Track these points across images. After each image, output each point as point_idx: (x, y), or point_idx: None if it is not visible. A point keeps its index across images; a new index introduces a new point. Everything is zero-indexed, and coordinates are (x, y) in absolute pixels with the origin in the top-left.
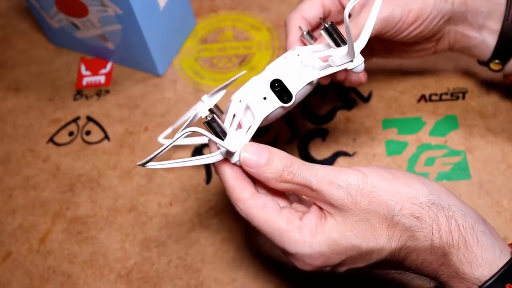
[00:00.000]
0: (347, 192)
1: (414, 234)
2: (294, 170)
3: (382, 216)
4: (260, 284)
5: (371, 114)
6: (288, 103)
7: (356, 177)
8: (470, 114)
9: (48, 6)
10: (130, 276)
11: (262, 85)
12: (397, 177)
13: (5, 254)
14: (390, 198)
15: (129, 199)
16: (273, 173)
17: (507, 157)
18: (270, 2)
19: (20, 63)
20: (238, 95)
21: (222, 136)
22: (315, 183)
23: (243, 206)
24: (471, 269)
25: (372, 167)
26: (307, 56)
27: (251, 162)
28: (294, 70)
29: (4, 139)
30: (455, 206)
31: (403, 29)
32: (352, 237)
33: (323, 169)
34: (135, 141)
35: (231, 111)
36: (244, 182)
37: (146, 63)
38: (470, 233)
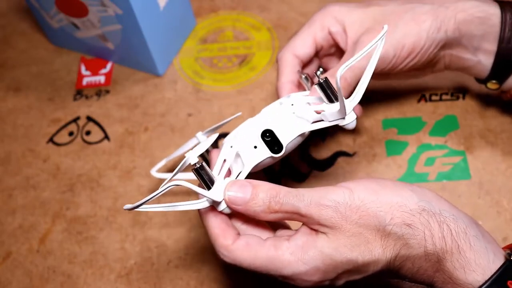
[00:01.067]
0: (335, 210)
1: (407, 242)
2: (280, 199)
3: (374, 228)
4: (260, 284)
5: (371, 114)
6: (278, 153)
7: (343, 194)
8: (470, 114)
9: (48, 6)
10: (130, 276)
11: (254, 134)
12: (384, 187)
13: (5, 254)
14: (379, 209)
15: (129, 199)
16: (260, 206)
17: (507, 157)
18: (270, 2)
19: (20, 63)
20: (230, 140)
21: (210, 184)
22: (303, 208)
23: (227, 252)
24: (464, 274)
25: (358, 181)
26: (301, 108)
27: (237, 199)
28: (286, 121)
29: (4, 139)
30: (446, 211)
31: (398, 63)
32: (347, 252)
33: (309, 193)
34: (135, 141)
35: (221, 156)
36: (227, 229)
37: (146, 63)
38: (462, 237)
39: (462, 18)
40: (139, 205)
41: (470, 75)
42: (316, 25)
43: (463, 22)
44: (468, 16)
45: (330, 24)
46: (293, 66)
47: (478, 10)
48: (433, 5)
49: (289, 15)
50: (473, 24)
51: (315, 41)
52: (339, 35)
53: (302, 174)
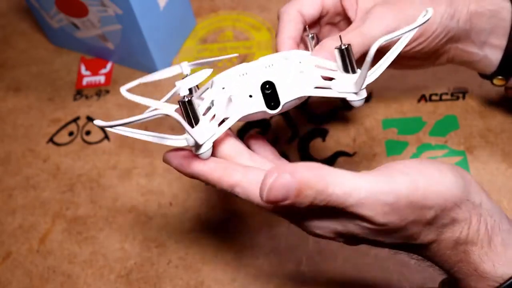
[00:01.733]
0: (394, 209)
1: (443, 231)
2: (328, 196)
3: (424, 222)
4: (260, 284)
5: (371, 114)
6: (273, 110)
7: (407, 188)
8: (470, 114)
9: (48, 6)
10: (130, 276)
11: (252, 81)
12: (443, 174)
13: (5, 254)
14: (436, 202)
15: (129, 199)
16: (303, 204)
17: (507, 157)
18: (270, 2)
19: (20, 63)
20: (221, 80)
21: (194, 122)
22: (356, 206)
23: (241, 189)
24: (493, 267)
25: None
26: (309, 68)
27: (277, 198)
28: (291, 78)
29: (4, 139)
30: (485, 203)
31: (407, 43)
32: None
33: (366, 184)
34: (135, 141)
35: (210, 95)
36: (227, 167)
37: (146, 63)
38: (495, 232)
39: (474, 9)
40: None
41: (474, 70)
42: None
43: (475, 13)
44: (480, 8)
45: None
46: (297, 23)
47: (489, 3)
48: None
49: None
50: (484, 17)
51: (323, 3)
52: (349, 3)
53: None
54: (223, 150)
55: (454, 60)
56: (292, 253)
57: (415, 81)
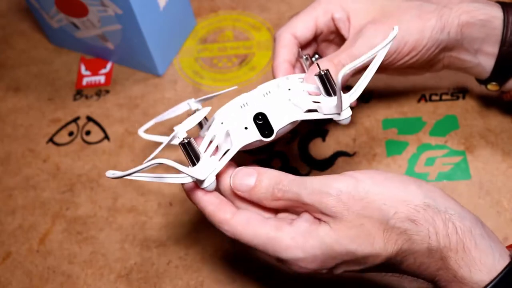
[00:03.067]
0: (338, 199)
1: (410, 237)
2: (283, 187)
3: (377, 221)
4: (260, 284)
5: (371, 114)
6: (268, 138)
7: (347, 183)
8: (470, 114)
9: (48, 6)
10: (130, 276)
11: (246, 114)
12: (391, 181)
13: (5, 254)
14: (383, 202)
15: (129, 199)
16: (263, 193)
17: (507, 157)
18: (270, 2)
19: (20, 63)
20: (221, 115)
21: (195, 160)
22: (306, 196)
23: (228, 227)
24: (470, 273)
25: (365, 171)
26: (297, 94)
27: (242, 186)
28: (281, 106)
29: (4, 139)
30: (452, 209)
31: (398, 59)
32: (347, 243)
33: (313, 181)
34: (135, 141)
35: (211, 131)
36: (222, 203)
37: (146, 63)
38: (468, 236)
39: (465, 20)
40: (121, 176)
41: (470, 75)
42: (320, 8)
43: (466, 24)
44: (471, 18)
45: (334, 10)
46: (291, 46)
47: (481, 13)
48: (438, 5)
49: (289, 15)
50: (476, 27)
51: (316, 24)
52: (342, 22)
53: (302, 174)
54: (224, 183)
55: (450, 67)
56: None
57: (415, 81)
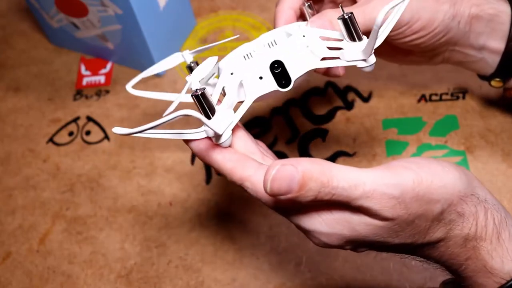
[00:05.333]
0: (400, 202)
1: (452, 227)
2: (333, 189)
3: (431, 217)
4: (260, 284)
5: (371, 114)
6: (285, 88)
7: (411, 178)
8: (470, 114)
9: (48, 6)
10: (130, 276)
11: (260, 63)
12: (445, 170)
13: (5, 254)
14: (442, 196)
15: (129, 199)
16: (308, 197)
17: (507, 157)
18: (270, 2)
19: (20, 63)
20: (228, 65)
21: (210, 114)
22: (362, 199)
23: (250, 184)
24: (502, 264)
25: (419, 163)
26: (314, 41)
27: (281, 191)
28: (298, 53)
29: (4, 139)
30: (490, 199)
31: (406, 34)
32: (386, 237)
33: (370, 177)
34: (135, 141)
35: (220, 83)
36: (241, 159)
37: (146, 63)
38: (503, 227)
39: (475, 13)
40: (135, 132)
41: (470, 70)
42: None
43: (475, 16)
44: (480, 11)
45: None
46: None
47: (489, 7)
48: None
49: None
50: (483, 21)
51: None
52: None
53: None
54: (236, 145)
55: (450, 61)
56: (292, 253)
57: (415, 81)
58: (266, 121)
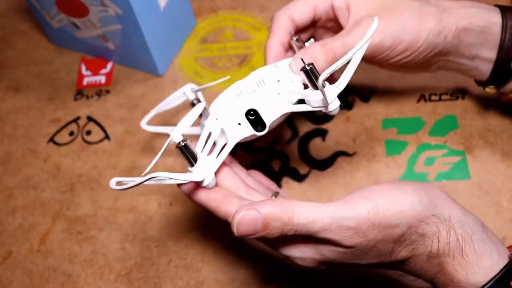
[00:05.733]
0: (357, 231)
1: (415, 247)
2: (294, 226)
3: (391, 240)
4: (260, 284)
5: (371, 114)
6: (261, 132)
7: (366, 209)
8: (469, 114)
9: (48, 6)
10: (130, 276)
11: (238, 111)
12: (405, 195)
13: (5, 254)
14: (400, 221)
15: (129, 199)
16: (273, 235)
17: (507, 157)
18: (270, 2)
19: (20, 63)
20: (215, 110)
21: (193, 161)
22: (322, 231)
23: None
24: (466, 276)
25: (379, 190)
26: (286, 87)
27: (247, 231)
28: (271, 99)
29: (4, 139)
30: (455, 216)
31: (391, 56)
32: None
33: (328, 212)
34: (135, 141)
35: (206, 128)
36: (224, 198)
37: (146, 63)
38: (467, 242)
39: (463, 26)
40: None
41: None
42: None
43: (464, 30)
44: (470, 24)
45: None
46: (287, 28)
47: (480, 19)
48: (438, 8)
49: None
50: (474, 33)
51: (315, 10)
52: (341, 11)
53: (302, 174)
54: (222, 184)
55: (446, 68)
56: None
57: (415, 81)
58: None
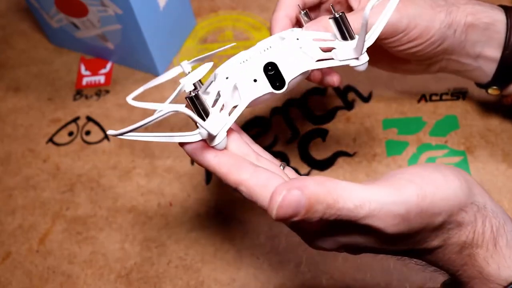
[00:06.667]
0: (405, 219)
1: (450, 236)
2: (339, 211)
3: (432, 229)
4: (260, 284)
5: (371, 114)
6: (280, 90)
7: (416, 196)
8: (470, 114)
9: (48, 6)
10: (130, 276)
11: (254, 66)
12: (448, 179)
13: (5, 254)
14: (444, 208)
15: (129, 199)
16: (313, 219)
17: (507, 157)
18: (270, 2)
19: (20, 63)
20: (224, 71)
21: (204, 115)
22: (368, 217)
23: (245, 189)
24: (498, 270)
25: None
26: (307, 43)
27: (286, 215)
28: (291, 55)
29: (4, 139)
30: (488, 205)
31: (403, 42)
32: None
33: (376, 196)
34: (135, 141)
35: (215, 87)
36: (236, 163)
37: (146, 63)
38: (501, 233)
39: (470, 21)
40: (127, 131)
41: (468, 79)
42: None
43: (471, 25)
44: (476, 20)
45: None
46: (294, 3)
47: (485, 15)
48: (447, 2)
49: None
50: (479, 29)
51: None
52: None
53: (302, 174)
54: (230, 149)
55: (447, 69)
56: (292, 253)
57: (416, 81)
58: (266, 121)
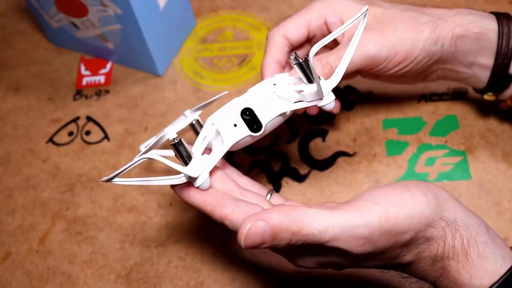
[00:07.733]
0: (369, 240)
1: (420, 251)
2: (304, 237)
3: (399, 246)
4: (260, 284)
5: (371, 114)
6: (257, 132)
7: (379, 218)
8: (470, 114)
9: (48, 6)
10: (130, 276)
11: (234, 112)
12: (415, 198)
13: (5, 254)
14: (409, 227)
15: (129, 199)
16: (281, 245)
17: (507, 157)
18: (270, 2)
19: (20, 63)
20: (212, 117)
21: (187, 160)
22: (332, 241)
23: (229, 222)
24: (470, 279)
25: (387, 194)
26: (282, 87)
27: (254, 244)
28: (267, 100)
29: (4, 139)
30: (460, 218)
31: (388, 68)
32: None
33: (338, 220)
34: (135, 141)
35: (202, 133)
36: (219, 200)
37: (146, 63)
38: (472, 245)
39: (459, 33)
40: (113, 177)
41: (465, 85)
42: (313, 12)
43: (460, 37)
44: (466, 31)
45: (328, 14)
46: (282, 47)
47: (475, 26)
48: (433, 17)
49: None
50: (470, 40)
51: (309, 28)
52: (335, 26)
53: (302, 174)
54: (215, 187)
55: (445, 77)
56: None
57: None
58: None
